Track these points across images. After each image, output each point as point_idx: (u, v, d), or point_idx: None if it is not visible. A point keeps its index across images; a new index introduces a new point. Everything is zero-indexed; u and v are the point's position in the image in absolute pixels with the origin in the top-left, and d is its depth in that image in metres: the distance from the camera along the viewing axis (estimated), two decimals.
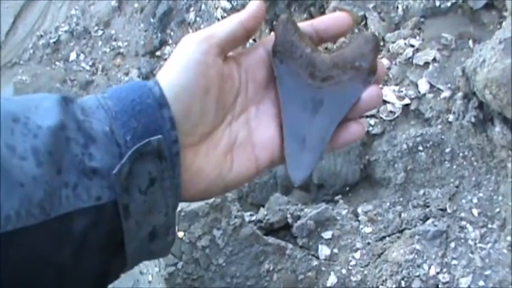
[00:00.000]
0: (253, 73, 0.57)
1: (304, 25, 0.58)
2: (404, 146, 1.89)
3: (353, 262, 1.70)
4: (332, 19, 0.57)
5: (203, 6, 3.18)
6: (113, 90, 0.49)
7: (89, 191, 0.44)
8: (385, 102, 1.97)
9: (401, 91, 1.97)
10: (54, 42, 3.62)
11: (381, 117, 1.95)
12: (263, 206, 1.86)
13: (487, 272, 1.61)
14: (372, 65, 0.56)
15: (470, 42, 2.00)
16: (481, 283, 1.60)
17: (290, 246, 1.69)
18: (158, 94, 0.48)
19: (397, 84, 1.99)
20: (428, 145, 1.87)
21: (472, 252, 1.65)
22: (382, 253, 1.70)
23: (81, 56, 3.54)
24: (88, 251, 0.45)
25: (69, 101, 0.46)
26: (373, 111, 1.96)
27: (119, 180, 0.44)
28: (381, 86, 2.00)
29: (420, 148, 1.87)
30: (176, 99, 0.49)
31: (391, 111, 1.95)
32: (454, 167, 1.85)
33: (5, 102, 0.44)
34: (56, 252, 0.43)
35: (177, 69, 0.50)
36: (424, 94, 1.93)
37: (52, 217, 0.42)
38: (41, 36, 3.68)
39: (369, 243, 1.73)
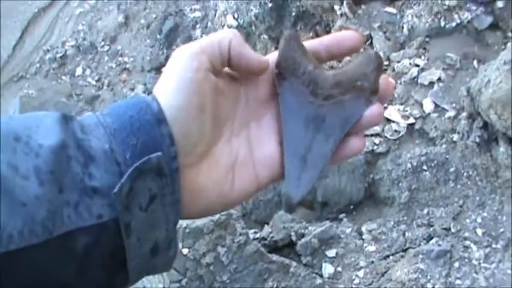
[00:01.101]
0: (255, 88, 0.56)
1: (313, 42, 0.58)
2: (409, 165, 1.89)
3: (357, 281, 1.70)
4: (343, 35, 0.58)
5: (209, 24, 3.20)
6: (112, 107, 0.49)
7: (90, 210, 0.44)
8: (389, 121, 1.98)
9: (406, 110, 1.98)
10: (60, 57, 3.64)
11: (386, 136, 1.96)
12: (267, 224, 1.86)
13: None
14: (374, 85, 0.55)
15: (475, 62, 2.01)
16: None
17: (294, 264, 1.69)
18: (156, 109, 0.48)
19: (401, 104, 2.00)
20: (432, 164, 1.87)
21: (476, 272, 1.65)
22: (385, 272, 1.70)
23: (87, 71, 3.55)
24: (91, 269, 0.45)
25: (68, 120, 0.46)
26: (378, 130, 1.97)
27: (120, 198, 0.44)
28: (385, 105, 2.01)
29: (424, 167, 1.88)
30: (174, 120, 0.48)
31: (395, 131, 1.95)
32: (459, 186, 1.85)
33: (6, 120, 0.44)
34: (59, 270, 0.43)
35: (171, 88, 0.49)
36: (429, 114, 1.94)
37: (55, 236, 0.42)
38: (48, 50, 3.70)
39: (372, 262, 1.73)
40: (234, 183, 0.54)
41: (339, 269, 1.73)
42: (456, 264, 1.68)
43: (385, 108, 2.01)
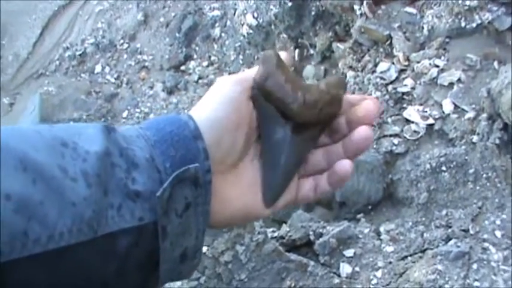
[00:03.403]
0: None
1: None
2: (428, 166, 1.89)
3: (374, 281, 1.70)
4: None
5: (228, 22, 3.20)
6: (150, 122, 0.54)
7: (133, 212, 0.47)
8: (409, 121, 1.98)
9: (426, 111, 1.97)
10: (80, 55, 3.67)
11: (405, 137, 1.96)
12: (285, 223, 1.87)
13: None
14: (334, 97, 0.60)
15: (496, 63, 2.00)
16: None
17: (312, 263, 1.69)
18: (193, 127, 0.53)
19: (421, 104, 2.00)
20: (451, 165, 1.87)
21: (494, 274, 1.65)
22: (403, 273, 1.70)
23: (107, 69, 3.58)
24: (130, 269, 0.48)
25: (111, 130, 0.50)
26: (397, 131, 1.97)
27: (161, 202, 0.48)
28: (405, 105, 2.01)
29: (443, 168, 1.87)
30: (210, 128, 0.54)
31: (415, 131, 1.95)
32: (478, 187, 1.84)
33: (49, 128, 0.47)
34: (101, 269, 0.46)
35: (213, 104, 0.56)
36: (449, 114, 1.93)
37: (99, 235, 0.45)
38: (67, 48, 3.73)
39: (390, 263, 1.73)
40: (257, 197, 0.60)
41: (357, 269, 1.73)
42: (475, 266, 1.67)
43: (405, 108, 2.01)
